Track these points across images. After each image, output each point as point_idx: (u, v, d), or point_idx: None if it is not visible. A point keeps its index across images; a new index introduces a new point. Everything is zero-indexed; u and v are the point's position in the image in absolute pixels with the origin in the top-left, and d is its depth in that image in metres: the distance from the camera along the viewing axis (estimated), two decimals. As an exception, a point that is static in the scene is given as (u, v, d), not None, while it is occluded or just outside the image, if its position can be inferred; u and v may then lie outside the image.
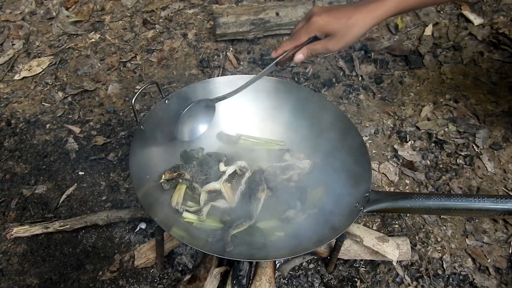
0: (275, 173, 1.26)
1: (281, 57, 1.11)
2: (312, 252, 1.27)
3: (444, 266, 1.31)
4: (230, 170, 1.22)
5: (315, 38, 1.08)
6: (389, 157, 1.58)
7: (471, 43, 1.95)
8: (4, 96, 1.78)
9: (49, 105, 1.76)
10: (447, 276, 1.29)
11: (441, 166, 1.55)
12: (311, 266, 1.30)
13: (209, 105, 1.28)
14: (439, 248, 1.35)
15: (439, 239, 1.37)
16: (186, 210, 1.15)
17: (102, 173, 1.53)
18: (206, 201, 1.18)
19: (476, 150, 1.58)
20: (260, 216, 1.18)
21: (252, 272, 1.20)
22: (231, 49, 1.96)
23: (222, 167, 1.25)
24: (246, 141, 1.37)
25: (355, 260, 1.31)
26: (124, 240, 1.35)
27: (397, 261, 1.28)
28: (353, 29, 1.01)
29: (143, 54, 1.95)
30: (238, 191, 1.21)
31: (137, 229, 1.37)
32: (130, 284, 1.26)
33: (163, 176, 1.19)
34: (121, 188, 1.48)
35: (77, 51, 1.96)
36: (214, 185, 1.19)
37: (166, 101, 1.26)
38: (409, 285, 1.27)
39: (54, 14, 2.10)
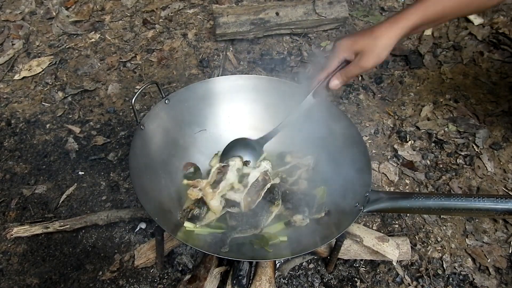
0: (284, 178, 1.25)
1: (316, 87, 1.13)
2: (312, 252, 1.27)
3: (444, 266, 1.31)
4: (254, 175, 1.17)
5: (347, 63, 1.09)
6: (389, 157, 1.58)
7: (471, 43, 1.95)
8: (4, 96, 1.78)
9: (49, 105, 1.76)
10: (447, 276, 1.29)
11: (441, 166, 1.55)
12: (311, 266, 1.30)
13: (254, 146, 1.28)
14: (439, 248, 1.35)
15: (439, 239, 1.37)
16: (188, 219, 1.12)
17: (102, 173, 1.53)
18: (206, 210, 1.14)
19: (476, 150, 1.58)
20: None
21: (252, 272, 1.20)
22: (231, 49, 1.96)
23: (245, 169, 1.21)
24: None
25: (355, 260, 1.31)
26: (124, 240, 1.35)
27: (397, 261, 1.28)
28: (381, 41, 1.02)
29: (143, 54, 1.95)
30: (256, 203, 1.15)
31: (137, 229, 1.37)
32: (130, 284, 1.26)
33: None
34: (121, 188, 1.48)
35: (77, 51, 1.96)
36: (234, 197, 1.14)
37: (166, 101, 1.26)
38: (409, 285, 1.27)
39: (54, 14, 2.10)
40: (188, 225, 1.12)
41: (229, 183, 1.17)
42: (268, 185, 1.17)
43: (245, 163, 1.25)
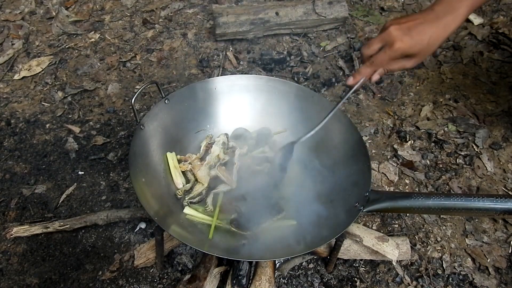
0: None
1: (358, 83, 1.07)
2: (312, 252, 1.27)
3: (443, 265, 1.31)
4: (216, 150, 1.26)
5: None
6: (389, 156, 1.58)
7: (471, 43, 1.95)
8: (4, 96, 1.78)
9: (49, 105, 1.75)
10: (446, 275, 1.29)
11: (440, 165, 1.55)
12: (311, 266, 1.30)
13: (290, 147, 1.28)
14: (439, 247, 1.35)
15: (438, 239, 1.37)
16: (190, 203, 1.17)
17: (102, 173, 1.53)
18: (207, 191, 1.20)
19: (476, 150, 1.58)
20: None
21: (252, 272, 1.20)
22: (231, 48, 1.96)
23: (215, 150, 1.28)
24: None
25: (354, 260, 1.31)
26: (124, 240, 1.35)
27: (397, 260, 1.28)
28: (432, 48, 1.00)
29: (143, 53, 1.95)
30: (234, 170, 1.23)
31: (136, 229, 1.37)
32: (130, 284, 1.26)
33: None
34: (121, 188, 1.48)
35: (76, 51, 1.96)
36: (210, 173, 1.23)
37: (166, 101, 1.26)
38: (409, 285, 1.27)
39: (54, 13, 2.10)
40: (187, 211, 1.15)
41: (215, 155, 1.26)
42: (238, 151, 1.27)
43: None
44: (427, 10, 1.02)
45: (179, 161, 1.27)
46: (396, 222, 1.41)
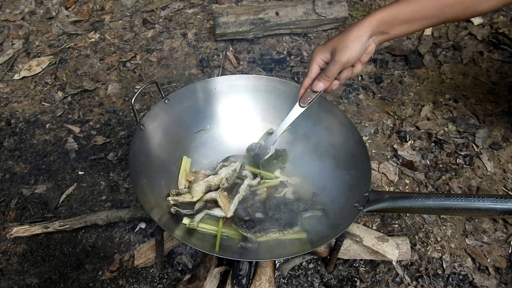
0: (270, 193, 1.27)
1: (302, 95, 1.16)
2: (312, 252, 1.27)
3: (443, 265, 1.31)
4: (222, 173, 1.23)
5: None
6: (389, 156, 1.58)
7: (471, 43, 1.95)
8: (4, 96, 1.78)
9: (49, 104, 1.75)
10: (446, 275, 1.29)
11: (440, 165, 1.55)
12: (311, 265, 1.30)
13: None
14: (439, 247, 1.35)
15: (438, 239, 1.37)
16: (185, 215, 1.14)
17: (102, 173, 1.53)
18: (200, 208, 1.16)
19: (476, 150, 1.58)
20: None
21: (252, 271, 1.20)
22: (231, 48, 1.96)
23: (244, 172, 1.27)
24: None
25: (354, 260, 1.31)
26: (124, 240, 1.35)
27: (397, 260, 1.28)
28: (351, 34, 1.04)
29: (143, 53, 1.95)
30: (236, 200, 1.18)
31: (136, 229, 1.37)
32: (130, 283, 1.26)
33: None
34: (121, 188, 1.48)
35: (76, 51, 1.96)
36: (210, 194, 1.18)
37: (166, 101, 1.26)
38: (409, 285, 1.27)
39: (54, 13, 2.10)
40: (186, 221, 1.13)
41: (219, 177, 1.22)
42: (247, 181, 1.23)
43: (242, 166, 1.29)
44: None
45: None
46: (396, 222, 1.41)
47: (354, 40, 1.04)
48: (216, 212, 1.16)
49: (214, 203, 1.18)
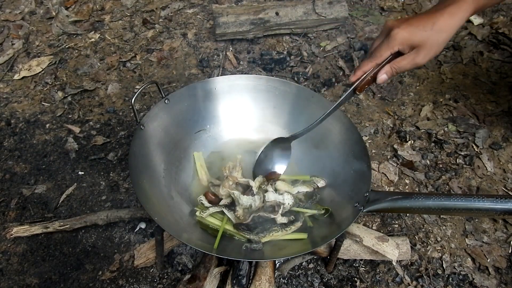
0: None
1: (360, 80, 1.00)
2: (312, 252, 1.27)
3: (443, 265, 1.31)
4: (271, 197, 1.18)
5: (396, 54, 0.98)
6: (389, 156, 1.58)
7: (471, 43, 1.95)
8: (4, 96, 1.78)
9: (49, 104, 1.75)
10: (446, 275, 1.29)
11: (440, 165, 1.55)
12: (311, 265, 1.30)
13: (285, 143, 1.26)
14: (439, 247, 1.35)
15: (438, 239, 1.37)
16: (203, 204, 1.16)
17: (102, 173, 1.53)
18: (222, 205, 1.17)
19: (476, 150, 1.58)
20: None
21: (252, 271, 1.20)
22: (230, 48, 1.96)
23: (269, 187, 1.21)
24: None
25: (354, 260, 1.31)
26: (124, 240, 1.35)
27: (397, 260, 1.28)
28: (442, 36, 0.92)
29: (143, 53, 1.95)
30: (251, 215, 1.15)
31: (136, 229, 1.37)
32: (130, 284, 1.26)
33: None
34: (121, 188, 1.48)
35: (76, 51, 1.96)
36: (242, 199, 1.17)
37: (166, 101, 1.26)
38: (409, 285, 1.27)
39: (54, 13, 2.10)
40: (198, 212, 1.15)
41: (244, 201, 1.18)
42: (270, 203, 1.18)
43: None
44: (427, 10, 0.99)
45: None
46: (396, 222, 1.41)
47: (447, 38, 0.92)
48: (230, 214, 1.15)
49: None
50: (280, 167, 1.31)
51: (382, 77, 1.00)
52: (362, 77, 1.01)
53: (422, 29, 0.92)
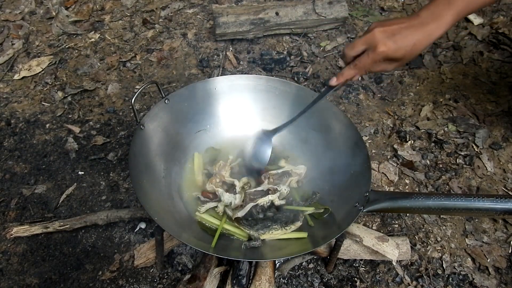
0: (274, 182, 1.26)
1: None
2: (312, 252, 1.27)
3: (443, 265, 1.31)
4: (226, 198, 1.21)
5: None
6: (389, 156, 1.58)
7: (470, 43, 1.95)
8: (4, 96, 1.78)
9: (49, 104, 1.75)
10: (446, 275, 1.29)
11: (440, 165, 1.55)
12: (311, 265, 1.30)
13: (268, 136, 1.29)
14: (439, 247, 1.35)
15: (438, 239, 1.37)
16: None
17: (102, 173, 1.53)
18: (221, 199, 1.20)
19: (476, 150, 1.58)
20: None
21: (252, 271, 1.20)
22: (230, 48, 1.96)
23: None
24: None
25: (354, 260, 1.31)
26: (123, 240, 1.35)
27: (397, 260, 1.28)
28: (415, 53, 1.00)
29: (143, 53, 1.95)
30: (248, 207, 1.17)
31: (136, 229, 1.37)
32: (130, 284, 1.26)
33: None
34: (121, 188, 1.48)
35: (76, 51, 1.96)
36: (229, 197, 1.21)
37: (166, 101, 1.26)
38: (409, 285, 1.27)
39: (54, 13, 2.10)
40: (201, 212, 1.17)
41: (225, 198, 1.21)
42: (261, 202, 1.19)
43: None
44: (413, 15, 1.02)
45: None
46: (396, 222, 1.41)
47: (418, 54, 1.00)
48: (228, 210, 1.18)
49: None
50: (266, 159, 1.31)
51: (356, 77, 1.07)
52: (342, 83, 1.09)
53: (404, 48, 0.98)
